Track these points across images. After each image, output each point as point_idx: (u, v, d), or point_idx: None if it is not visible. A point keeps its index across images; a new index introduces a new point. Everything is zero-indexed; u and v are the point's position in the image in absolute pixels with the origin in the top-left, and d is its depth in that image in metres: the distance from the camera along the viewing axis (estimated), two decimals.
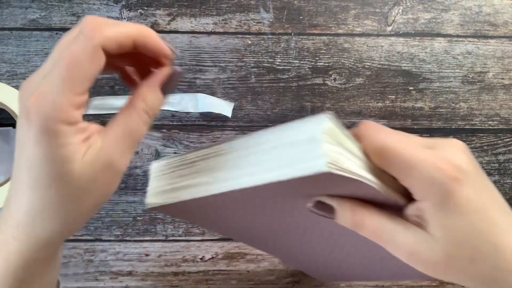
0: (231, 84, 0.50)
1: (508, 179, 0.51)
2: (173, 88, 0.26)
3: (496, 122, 0.51)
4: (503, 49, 0.51)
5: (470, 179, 0.24)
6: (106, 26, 0.23)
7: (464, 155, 0.24)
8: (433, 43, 0.51)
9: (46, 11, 0.49)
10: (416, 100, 0.51)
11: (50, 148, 0.22)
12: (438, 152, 0.24)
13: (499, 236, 0.24)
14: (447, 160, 0.23)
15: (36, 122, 0.21)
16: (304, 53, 0.50)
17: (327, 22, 0.51)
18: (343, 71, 0.51)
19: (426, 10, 0.51)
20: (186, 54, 0.50)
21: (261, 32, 0.50)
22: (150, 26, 0.50)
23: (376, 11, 0.51)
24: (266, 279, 0.49)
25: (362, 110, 0.51)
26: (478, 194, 0.24)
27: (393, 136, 0.24)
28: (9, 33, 0.49)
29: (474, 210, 0.24)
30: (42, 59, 0.49)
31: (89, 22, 0.23)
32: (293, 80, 0.50)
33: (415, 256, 0.25)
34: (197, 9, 0.50)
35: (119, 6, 0.50)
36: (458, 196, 0.23)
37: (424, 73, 0.51)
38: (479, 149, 0.51)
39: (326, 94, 0.50)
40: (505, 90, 0.51)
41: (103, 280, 0.50)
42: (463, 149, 0.25)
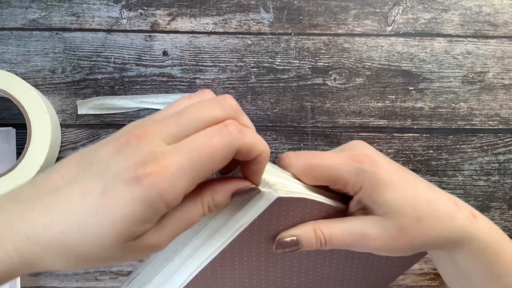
0: (231, 84, 0.50)
1: (508, 179, 0.51)
2: (241, 195, 0.25)
3: (496, 122, 0.51)
4: (503, 49, 0.51)
5: (384, 161, 0.29)
6: (248, 132, 0.23)
7: (370, 148, 0.30)
8: (433, 43, 0.51)
9: (46, 11, 0.49)
10: (416, 100, 0.51)
11: (141, 217, 0.21)
12: (350, 152, 0.29)
13: (427, 192, 0.29)
14: (361, 154, 0.29)
15: (149, 190, 0.20)
16: (304, 53, 0.50)
17: (327, 22, 0.51)
18: (343, 71, 0.51)
19: (426, 10, 0.51)
20: (186, 54, 0.50)
21: (261, 32, 0.50)
22: (150, 26, 0.50)
23: (376, 11, 0.51)
24: None
25: (362, 110, 0.51)
26: (396, 169, 0.29)
27: (312, 156, 0.29)
28: (9, 33, 0.49)
29: (399, 180, 0.28)
30: (42, 59, 0.49)
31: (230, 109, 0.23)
32: (293, 80, 0.50)
33: (377, 241, 0.28)
34: (197, 9, 0.50)
35: (119, 6, 0.50)
36: (382, 174, 0.28)
37: (424, 73, 0.51)
38: (479, 149, 0.51)
39: (326, 94, 0.50)
40: (505, 90, 0.51)
41: (103, 280, 0.50)
42: (366, 145, 0.30)
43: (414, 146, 0.51)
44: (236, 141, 0.22)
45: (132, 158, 0.21)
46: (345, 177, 0.28)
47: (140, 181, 0.20)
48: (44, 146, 0.45)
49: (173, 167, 0.21)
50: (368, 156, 0.29)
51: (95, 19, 0.50)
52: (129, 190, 0.20)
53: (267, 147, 0.24)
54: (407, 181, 0.29)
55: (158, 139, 0.22)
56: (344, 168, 0.28)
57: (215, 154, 0.22)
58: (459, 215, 0.29)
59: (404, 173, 0.30)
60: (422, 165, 0.51)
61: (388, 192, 0.28)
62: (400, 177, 0.29)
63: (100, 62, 0.50)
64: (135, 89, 0.50)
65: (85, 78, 0.49)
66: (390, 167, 0.29)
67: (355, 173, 0.28)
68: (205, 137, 0.22)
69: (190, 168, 0.21)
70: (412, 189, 0.29)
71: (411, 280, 0.52)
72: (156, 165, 0.21)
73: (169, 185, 0.21)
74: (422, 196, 0.29)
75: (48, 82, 0.49)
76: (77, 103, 0.49)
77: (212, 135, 0.22)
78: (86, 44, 0.50)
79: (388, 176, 0.28)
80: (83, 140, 0.49)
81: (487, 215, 0.51)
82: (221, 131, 0.22)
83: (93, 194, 0.21)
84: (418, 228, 0.28)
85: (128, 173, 0.21)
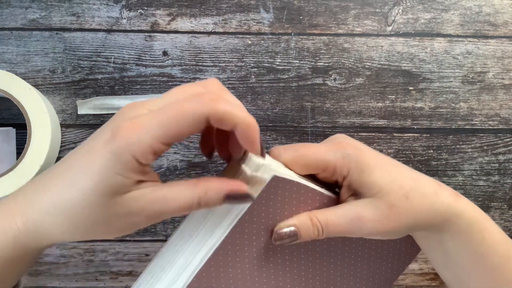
0: (231, 84, 0.50)
1: (508, 179, 0.51)
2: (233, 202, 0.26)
3: (496, 122, 0.51)
4: (503, 49, 0.51)
5: (365, 148, 0.31)
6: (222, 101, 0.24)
7: (351, 138, 0.32)
8: (433, 43, 0.51)
9: (46, 11, 0.49)
10: (416, 100, 0.51)
11: (112, 168, 0.23)
12: (334, 142, 0.31)
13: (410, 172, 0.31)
14: (344, 142, 0.31)
15: (118, 142, 0.23)
16: (304, 53, 0.50)
17: (327, 22, 0.51)
18: (343, 71, 0.51)
19: (426, 10, 0.51)
20: (186, 54, 0.50)
21: (261, 32, 0.50)
22: (150, 26, 0.50)
23: (376, 11, 0.51)
24: None
25: (362, 110, 0.51)
26: (377, 154, 0.31)
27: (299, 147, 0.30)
28: (9, 33, 0.49)
29: (383, 162, 0.30)
30: (42, 59, 0.49)
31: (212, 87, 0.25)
32: (293, 80, 0.50)
33: (371, 222, 0.29)
34: (197, 9, 0.50)
35: (119, 6, 0.50)
36: (366, 157, 0.30)
37: (424, 73, 0.51)
38: (479, 149, 0.51)
39: (326, 94, 0.50)
40: (505, 90, 0.51)
41: (103, 280, 0.50)
42: (348, 137, 0.32)
43: (414, 146, 0.51)
44: (206, 107, 0.23)
45: (115, 121, 0.24)
46: (332, 162, 0.30)
47: (113, 136, 0.23)
48: (44, 146, 0.45)
49: (142, 124, 0.23)
50: (350, 143, 0.31)
51: (95, 19, 0.50)
52: (104, 145, 0.23)
53: (246, 119, 0.24)
54: (390, 163, 0.31)
55: (141, 108, 0.24)
56: (330, 153, 0.30)
57: (182, 117, 0.23)
58: (443, 192, 0.30)
59: (386, 157, 0.32)
60: (422, 165, 0.51)
61: (374, 173, 0.29)
62: (383, 160, 0.31)
63: (100, 62, 0.50)
64: (135, 89, 0.50)
65: (85, 78, 0.49)
66: (372, 152, 0.31)
67: (341, 157, 0.30)
68: (177, 103, 0.24)
69: (157, 125, 0.23)
70: (396, 169, 0.30)
71: (411, 280, 0.52)
72: (128, 121, 0.23)
73: (136, 139, 0.23)
74: (407, 174, 0.30)
75: (48, 82, 0.49)
76: (77, 103, 0.49)
77: (184, 101, 0.24)
78: (86, 44, 0.50)
79: (372, 159, 0.30)
80: (83, 140, 0.49)
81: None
82: (194, 98, 0.24)
83: (80, 158, 0.24)
84: (407, 204, 0.29)
85: (108, 132, 0.24)
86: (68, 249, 0.50)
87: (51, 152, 0.46)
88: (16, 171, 0.44)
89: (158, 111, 0.23)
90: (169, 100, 0.25)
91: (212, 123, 0.24)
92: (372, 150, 0.31)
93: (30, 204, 0.25)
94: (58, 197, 0.24)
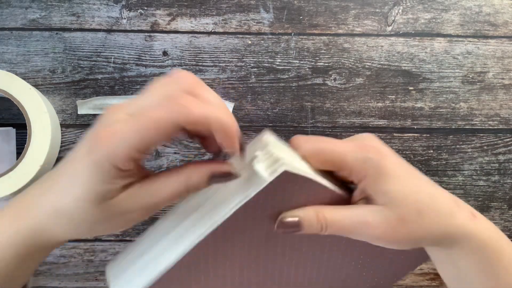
0: (231, 84, 0.50)
1: (508, 179, 0.51)
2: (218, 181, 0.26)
3: (496, 122, 0.51)
4: (503, 49, 0.51)
5: (390, 154, 0.29)
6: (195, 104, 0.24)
7: (378, 140, 0.30)
8: (433, 43, 0.51)
9: (46, 11, 0.49)
10: (416, 100, 0.51)
11: (95, 177, 0.24)
12: (358, 142, 0.30)
13: (430, 187, 0.29)
14: (368, 144, 0.29)
15: (97, 152, 0.24)
16: (304, 53, 0.50)
17: (327, 22, 0.51)
18: (343, 71, 0.51)
19: (426, 10, 0.51)
20: (186, 54, 0.50)
21: (261, 32, 0.50)
22: (150, 26, 0.50)
23: (376, 11, 0.51)
24: None
25: (362, 110, 0.51)
26: (400, 163, 0.30)
27: (321, 140, 0.30)
28: (9, 33, 0.49)
29: (403, 173, 0.29)
30: (42, 59, 0.49)
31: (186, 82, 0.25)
32: (293, 80, 0.50)
33: (376, 230, 0.28)
34: (197, 9, 0.50)
35: (119, 6, 0.50)
36: (387, 165, 0.28)
37: (424, 73, 0.51)
38: (479, 149, 0.51)
39: (326, 94, 0.50)
40: (505, 90, 0.51)
41: (103, 280, 0.50)
42: (375, 137, 0.31)
43: (414, 146, 0.51)
44: (177, 115, 0.23)
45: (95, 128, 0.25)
46: (350, 163, 0.29)
47: (92, 145, 0.24)
48: (44, 146, 0.45)
49: (118, 132, 0.23)
50: (375, 147, 0.29)
51: (95, 19, 0.50)
52: (85, 155, 0.24)
53: (221, 121, 0.24)
54: (410, 175, 0.29)
55: (119, 113, 0.24)
56: (351, 154, 0.29)
57: (155, 126, 0.23)
58: (459, 213, 0.29)
59: (408, 167, 0.30)
60: (422, 165, 0.51)
61: (391, 182, 0.28)
62: (404, 170, 0.29)
63: (100, 62, 0.50)
64: (135, 89, 0.50)
65: (85, 78, 0.49)
66: (395, 160, 0.29)
67: (361, 160, 0.28)
68: (152, 109, 0.24)
69: (133, 134, 0.23)
70: (415, 182, 0.29)
71: (411, 280, 0.52)
72: (105, 129, 0.24)
73: (113, 148, 0.23)
74: (425, 190, 0.29)
75: (48, 82, 0.49)
76: (77, 103, 0.49)
77: (158, 107, 0.24)
78: (86, 44, 0.50)
79: (392, 167, 0.29)
80: None
81: (487, 215, 0.51)
82: (168, 104, 0.24)
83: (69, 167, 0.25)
84: (418, 221, 0.28)
85: (88, 141, 0.24)
86: (68, 249, 0.50)
87: (51, 152, 0.46)
88: (16, 171, 0.44)
89: (133, 118, 0.24)
90: (144, 102, 0.25)
91: (187, 129, 0.24)
92: (396, 157, 0.30)
93: (35, 207, 0.26)
94: (56, 203, 0.25)
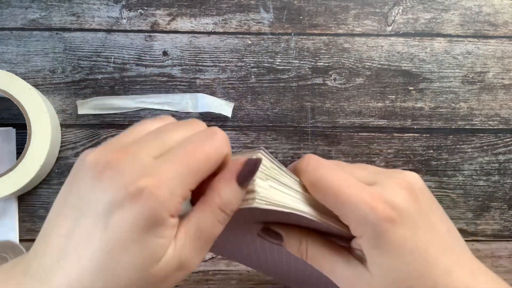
0: (231, 84, 0.50)
1: (508, 179, 0.51)
2: (250, 179, 0.23)
3: (496, 122, 0.51)
4: (503, 49, 0.51)
5: (407, 218, 0.23)
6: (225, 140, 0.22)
7: (405, 193, 0.24)
8: (433, 43, 0.51)
9: (46, 11, 0.49)
10: (416, 100, 0.51)
11: (149, 233, 0.20)
12: (376, 190, 0.23)
13: (438, 278, 0.23)
14: (384, 199, 0.23)
15: (149, 203, 0.19)
16: (304, 53, 0.50)
17: (327, 22, 0.51)
18: (343, 71, 0.51)
19: (426, 10, 0.51)
20: (186, 54, 0.50)
21: (261, 32, 0.50)
22: (150, 26, 0.50)
23: (376, 11, 0.51)
24: (266, 279, 0.49)
25: (362, 110, 0.51)
26: (416, 234, 0.23)
27: (332, 172, 0.24)
28: (9, 33, 0.49)
29: (410, 250, 0.23)
30: (42, 59, 0.49)
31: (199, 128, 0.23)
32: (293, 80, 0.50)
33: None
34: (197, 9, 0.50)
35: (119, 6, 0.50)
36: (392, 236, 0.23)
37: (424, 73, 0.51)
38: (479, 149, 0.51)
39: (326, 94, 0.50)
40: (505, 90, 0.51)
41: None
42: (406, 185, 0.24)
43: (414, 146, 0.51)
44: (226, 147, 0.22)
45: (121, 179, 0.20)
46: (349, 217, 0.24)
47: (136, 197, 0.19)
48: (44, 146, 0.45)
49: (169, 173, 0.20)
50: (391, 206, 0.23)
51: (95, 19, 0.50)
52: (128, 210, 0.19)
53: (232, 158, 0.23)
54: (422, 252, 0.24)
55: (143, 155, 0.21)
56: (354, 206, 0.23)
57: (209, 158, 0.21)
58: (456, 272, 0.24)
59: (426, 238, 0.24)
60: (422, 165, 0.51)
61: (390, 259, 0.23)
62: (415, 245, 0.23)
63: (100, 62, 0.50)
64: (135, 89, 0.50)
65: (85, 78, 0.49)
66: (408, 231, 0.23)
67: (361, 219, 0.23)
68: (196, 143, 0.22)
69: (187, 173, 0.21)
70: (421, 265, 0.23)
71: None
72: (150, 177, 0.20)
73: (167, 193, 0.20)
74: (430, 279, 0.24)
75: (48, 82, 0.49)
76: (77, 103, 0.49)
77: (203, 140, 0.22)
78: (86, 44, 0.50)
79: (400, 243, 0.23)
80: (83, 140, 0.49)
81: (487, 215, 0.51)
82: (210, 136, 0.22)
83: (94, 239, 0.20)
84: None
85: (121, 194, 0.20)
86: None
87: (51, 152, 0.46)
88: (16, 171, 0.44)
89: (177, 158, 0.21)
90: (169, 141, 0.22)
91: None
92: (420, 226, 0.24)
93: None
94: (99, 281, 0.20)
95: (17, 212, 0.48)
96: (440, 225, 0.25)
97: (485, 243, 0.51)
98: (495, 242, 0.51)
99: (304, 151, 0.50)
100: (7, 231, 0.48)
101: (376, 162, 0.50)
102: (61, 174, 0.49)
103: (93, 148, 0.22)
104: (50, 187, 0.49)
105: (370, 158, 0.50)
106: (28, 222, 0.49)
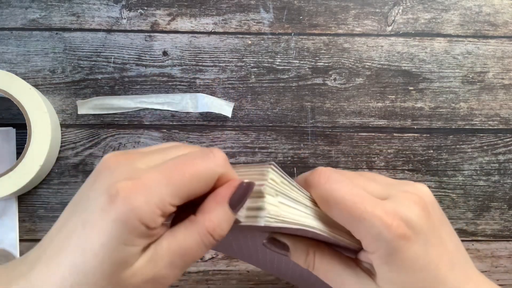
0: (231, 84, 0.50)
1: (508, 179, 0.51)
2: (242, 203, 0.22)
3: (496, 122, 0.51)
4: (503, 49, 0.51)
5: (420, 235, 0.23)
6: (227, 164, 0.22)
7: (418, 209, 0.23)
8: (433, 43, 0.51)
9: (46, 11, 0.49)
10: (416, 100, 0.51)
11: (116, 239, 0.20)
12: (390, 205, 0.23)
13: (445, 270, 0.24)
14: (397, 215, 0.23)
15: (121, 207, 0.19)
16: (304, 53, 0.50)
17: (327, 22, 0.51)
18: (343, 71, 0.51)
19: (426, 10, 0.51)
20: (186, 54, 0.50)
21: (261, 32, 0.50)
22: (150, 26, 0.50)
23: (376, 11, 0.51)
24: (266, 279, 0.49)
25: (362, 110, 0.51)
26: (428, 250, 0.23)
27: (344, 187, 0.24)
28: (9, 33, 0.49)
29: (422, 267, 0.23)
30: (42, 59, 0.49)
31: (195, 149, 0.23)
32: (293, 80, 0.50)
33: None
34: (197, 9, 0.50)
35: (119, 6, 0.50)
36: (405, 253, 0.23)
37: (424, 73, 0.51)
38: (479, 149, 0.51)
39: (326, 94, 0.50)
40: (505, 90, 0.51)
41: None
42: (419, 200, 0.24)
43: (414, 146, 0.51)
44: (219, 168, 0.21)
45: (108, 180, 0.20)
46: (362, 234, 0.23)
47: (112, 200, 0.19)
48: (44, 146, 0.45)
49: (148, 181, 0.20)
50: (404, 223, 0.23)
51: (95, 19, 0.50)
52: (104, 212, 0.20)
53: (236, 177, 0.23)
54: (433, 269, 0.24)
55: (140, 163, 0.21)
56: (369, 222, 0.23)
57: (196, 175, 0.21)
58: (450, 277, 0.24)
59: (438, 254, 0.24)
60: (422, 165, 0.51)
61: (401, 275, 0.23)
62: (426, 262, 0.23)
63: (100, 62, 0.50)
64: (135, 89, 0.50)
65: (85, 78, 0.49)
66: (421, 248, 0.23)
67: (374, 236, 0.23)
68: (187, 157, 0.21)
69: (167, 184, 0.20)
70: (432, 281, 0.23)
71: None
72: (130, 181, 0.20)
73: (143, 200, 0.20)
74: None
75: (48, 82, 0.49)
76: (77, 103, 0.49)
77: (195, 156, 0.21)
78: (86, 44, 0.50)
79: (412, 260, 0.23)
80: (83, 140, 0.49)
81: (487, 215, 0.51)
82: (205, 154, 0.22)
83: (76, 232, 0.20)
84: None
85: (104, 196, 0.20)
86: None
87: (51, 152, 0.46)
88: (16, 171, 0.44)
89: (164, 168, 0.21)
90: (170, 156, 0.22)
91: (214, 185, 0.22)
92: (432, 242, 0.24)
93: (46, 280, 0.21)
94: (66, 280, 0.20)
95: (17, 212, 0.48)
96: (449, 240, 0.25)
97: (485, 243, 0.51)
98: (495, 242, 0.51)
99: (304, 151, 0.50)
100: (7, 231, 0.48)
101: (376, 162, 0.51)
102: (61, 174, 0.49)
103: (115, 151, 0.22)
104: (50, 187, 0.49)
105: (370, 158, 0.50)
106: (28, 222, 0.49)
